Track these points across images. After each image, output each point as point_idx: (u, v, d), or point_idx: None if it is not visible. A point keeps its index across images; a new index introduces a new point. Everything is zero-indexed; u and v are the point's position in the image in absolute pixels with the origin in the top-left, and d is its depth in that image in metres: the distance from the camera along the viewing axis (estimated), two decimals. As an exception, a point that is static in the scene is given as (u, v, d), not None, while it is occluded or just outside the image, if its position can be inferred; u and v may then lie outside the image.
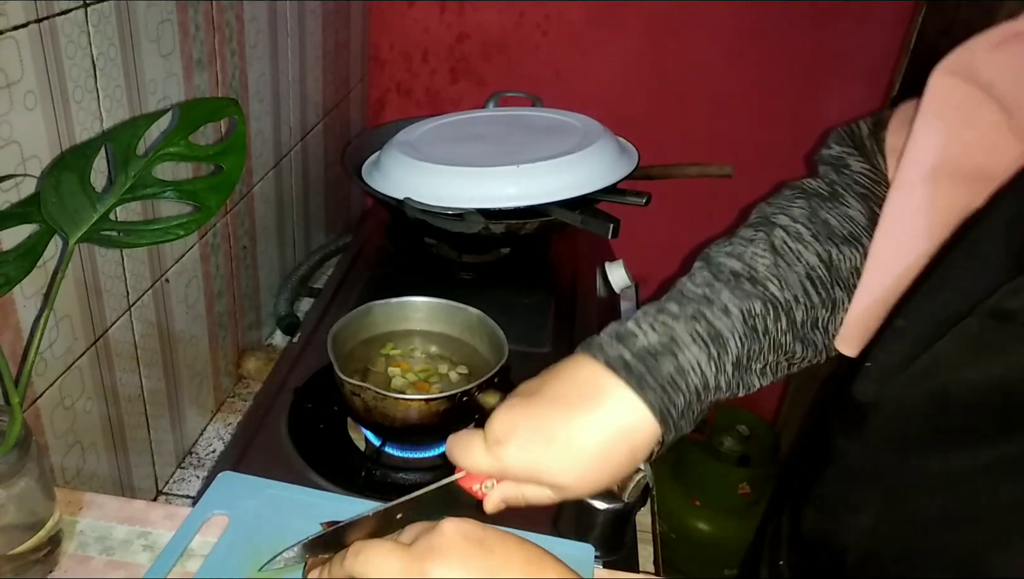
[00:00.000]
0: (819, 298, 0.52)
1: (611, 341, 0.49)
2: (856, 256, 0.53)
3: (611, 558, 0.71)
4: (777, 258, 0.52)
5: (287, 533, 0.54)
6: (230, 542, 0.55)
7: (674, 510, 1.63)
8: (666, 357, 0.48)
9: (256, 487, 0.60)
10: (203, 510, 0.57)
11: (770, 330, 0.50)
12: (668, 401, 0.47)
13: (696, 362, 0.48)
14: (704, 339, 0.49)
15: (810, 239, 0.53)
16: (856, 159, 0.58)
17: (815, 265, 0.52)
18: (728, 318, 0.49)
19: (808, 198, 0.56)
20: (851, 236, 0.54)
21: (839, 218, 0.54)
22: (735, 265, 0.52)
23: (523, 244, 1.21)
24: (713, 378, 0.49)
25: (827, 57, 1.40)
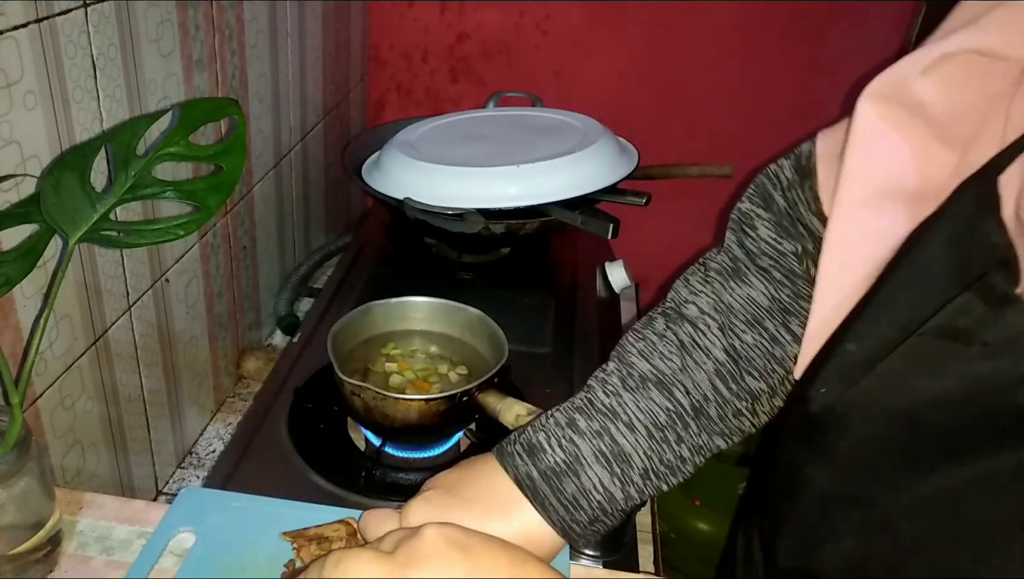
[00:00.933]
0: (731, 393, 0.54)
1: (523, 455, 0.52)
2: (764, 341, 0.55)
3: (611, 558, 0.71)
4: (685, 358, 0.55)
5: (256, 546, 0.54)
6: (199, 558, 0.53)
7: (674, 510, 1.63)
8: (568, 478, 0.51)
9: (222, 501, 0.58)
10: (167, 528, 0.55)
11: (682, 437, 0.53)
12: (570, 518, 0.51)
13: (599, 481, 0.51)
14: (607, 457, 0.52)
15: (716, 331, 0.55)
16: (763, 222, 0.58)
17: (723, 361, 0.54)
18: (632, 434, 0.52)
19: (712, 281, 0.58)
20: (755, 320, 0.55)
21: (742, 301, 0.56)
22: (644, 367, 0.55)
23: (523, 244, 1.21)
24: (620, 491, 0.52)
25: (827, 57, 1.40)
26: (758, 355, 0.55)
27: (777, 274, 0.57)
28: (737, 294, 0.56)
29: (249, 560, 0.53)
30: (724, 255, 0.59)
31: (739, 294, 0.56)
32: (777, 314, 0.56)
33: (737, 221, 0.60)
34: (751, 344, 0.55)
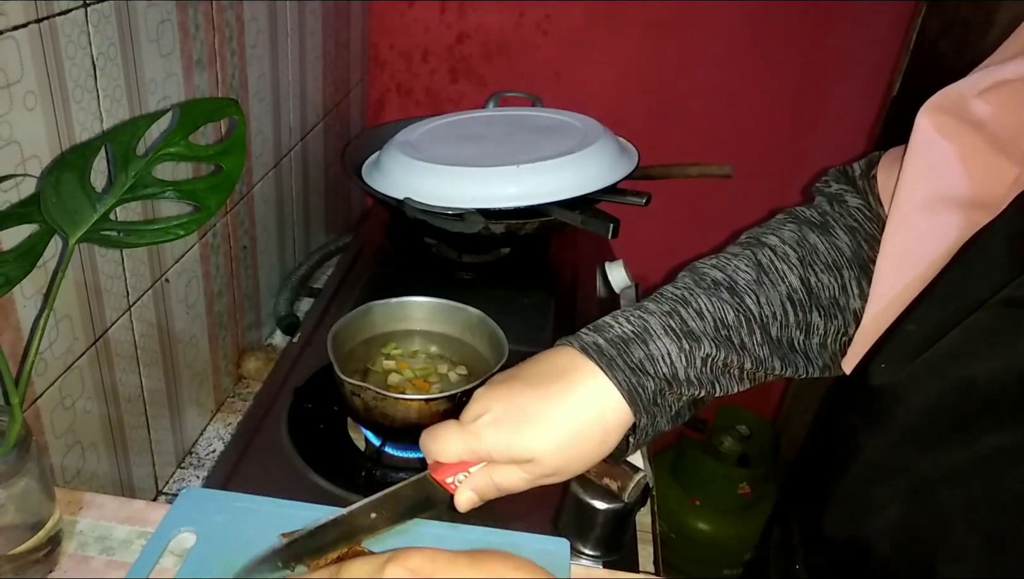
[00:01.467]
0: (795, 319, 0.54)
1: (588, 331, 0.51)
2: (835, 285, 0.55)
3: (611, 558, 0.71)
4: (761, 275, 0.54)
5: (256, 546, 0.53)
6: (199, 559, 0.53)
7: (674, 510, 1.63)
8: (638, 344, 0.50)
9: (222, 501, 0.58)
10: (168, 528, 0.55)
11: (745, 343, 0.52)
12: (637, 383, 0.49)
13: (667, 352, 0.50)
14: (677, 333, 0.51)
15: (795, 261, 0.55)
16: (852, 195, 0.60)
17: (797, 288, 0.54)
18: (701, 321, 0.51)
19: (799, 223, 0.58)
20: (834, 265, 0.56)
21: (827, 246, 0.56)
22: (717, 275, 0.54)
23: (523, 244, 1.21)
24: (683, 371, 0.50)
25: (827, 57, 1.40)
26: (827, 297, 0.55)
27: (862, 234, 0.57)
28: (823, 240, 0.56)
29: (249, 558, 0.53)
30: (813, 210, 0.60)
31: (825, 240, 0.56)
32: (855, 267, 0.56)
33: (827, 194, 0.61)
34: (826, 283, 0.55)
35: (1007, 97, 0.48)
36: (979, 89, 0.48)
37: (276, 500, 0.59)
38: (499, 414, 0.48)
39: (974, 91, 0.49)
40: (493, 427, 0.48)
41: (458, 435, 0.49)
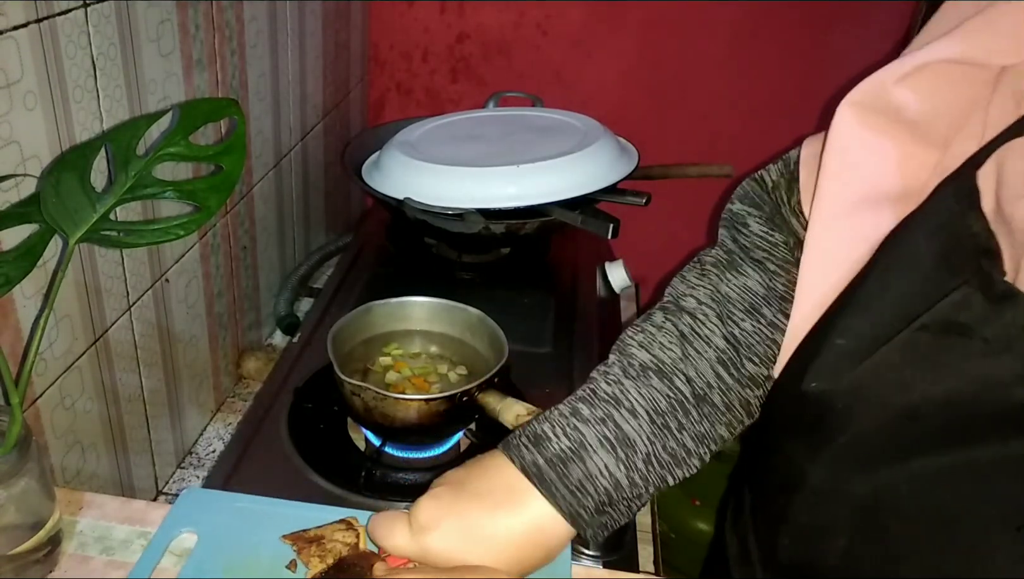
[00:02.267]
0: (733, 380, 0.55)
1: (528, 445, 0.52)
2: (759, 326, 0.56)
3: (611, 558, 0.71)
4: (686, 347, 0.55)
5: (259, 547, 0.54)
6: (200, 559, 0.53)
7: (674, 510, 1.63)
8: (575, 462, 0.51)
9: (223, 501, 0.58)
10: (169, 528, 0.55)
11: (683, 425, 0.53)
12: (577, 504, 0.51)
13: (604, 466, 0.51)
14: (612, 442, 0.52)
15: (715, 321, 0.56)
16: (755, 219, 0.60)
17: (724, 348, 0.55)
18: (635, 420, 0.53)
19: (708, 275, 0.58)
20: (752, 308, 0.56)
21: (739, 290, 0.57)
22: (644, 357, 0.55)
23: (523, 244, 1.20)
24: (625, 477, 0.52)
25: (827, 57, 1.40)
26: (757, 341, 0.56)
27: (771, 265, 0.58)
28: (734, 284, 0.57)
29: (251, 560, 0.53)
30: (719, 249, 0.60)
31: (735, 284, 0.57)
32: (774, 301, 0.56)
33: (729, 221, 0.61)
34: (750, 331, 0.56)
35: (926, 81, 0.47)
36: (899, 76, 0.48)
37: (277, 500, 0.59)
38: (447, 531, 0.50)
39: (894, 78, 0.48)
40: (441, 543, 0.50)
41: (406, 541, 0.51)
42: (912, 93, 0.48)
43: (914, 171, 0.48)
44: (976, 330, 0.41)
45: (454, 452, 0.82)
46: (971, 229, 0.43)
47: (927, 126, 0.48)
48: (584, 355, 0.98)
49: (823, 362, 0.48)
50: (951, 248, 0.44)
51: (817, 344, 0.50)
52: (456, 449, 0.82)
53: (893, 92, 0.48)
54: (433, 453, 0.81)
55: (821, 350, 0.49)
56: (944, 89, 0.47)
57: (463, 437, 0.83)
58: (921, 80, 0.47)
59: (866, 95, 0.49)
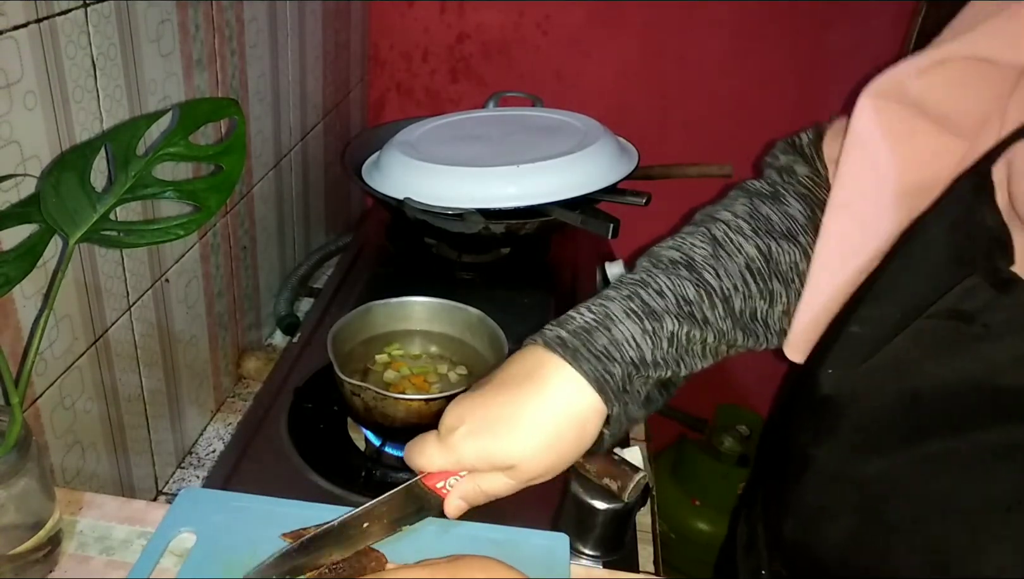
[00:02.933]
0: (757, 288, 0.54)
1: (551, 326, 0.52)
2: (795, 252, 0.55)
3: (611, 558, 0.71)
4: (717, 249, 0.54)
5: (257, 545, 0.53)
6: (199, 559, 0.53)
7: (674, 510, 1.63)
8: (600, 331, 0.50)
9: (221, 501, 0.58)
10: (168, 528, 0.55)
11: (708, 317, 0.52)
12: (603, 370, 0.48)
13: (630, 335, 0.50)
14: (638, 314, 0.51)
15: (750, 233, 0.55)
16: (800, 165, 0.60)
17: (754, 257, 0.54)
18: (662, 299, 0.51)
19: (750, 196, 0.58)
20: (790, 232, 0.56)
21: (780, 215, 0.56)
22: (674, 255, 0.54)
23: (523, 244, 1.20)
24: (650, 353, 0.50)
25: (827, 57, 1.40)
26: (787, 262, 0.55)
27: (814, 200, 0.57)
28: (775, 209, 0.57)
29: (250, 560, 0.53)
30: (763, 182, 0.60)
31: (777, 209, 0.57)
32: (811, 232, 0.56)
33: (775, 167, 0.61)
34: (785, 250, 0.55)
35: (947, 76, 0.48)
36: (919, 69, 0.48)
37: (276, 499, 0.59)
38: (474, 425, 0.48)
39: (913, 71, 0.48)
40: (470, 439, 0.48)
41: (438, 448, 0.49)
42: (932, 88, 0.48)
43: (936, 163, 0.49)
44: (977, 317, 0.42)
45: (454, 452, 0.82)
46: (985, 222, 0.43)
47: (951, 119, 0.48)
48: (584, 355, 0.98)
49: (840, 350, 0.49)
50: (965, 241, 0.44)
51: (835, 332, 0.50)
52: (456, 449, 0.82)
53: (914, 85, 0.48)
54: (433, 453, 0.81)
55: (839, 338, 0.49)
56: (965, 85, 0.47)
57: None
58: (942, 75, 0.48)
59: (886, 88, 0.49)
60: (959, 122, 0.48)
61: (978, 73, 0.47)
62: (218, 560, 0.53)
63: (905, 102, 0.49)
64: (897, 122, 0.49)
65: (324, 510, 0.57)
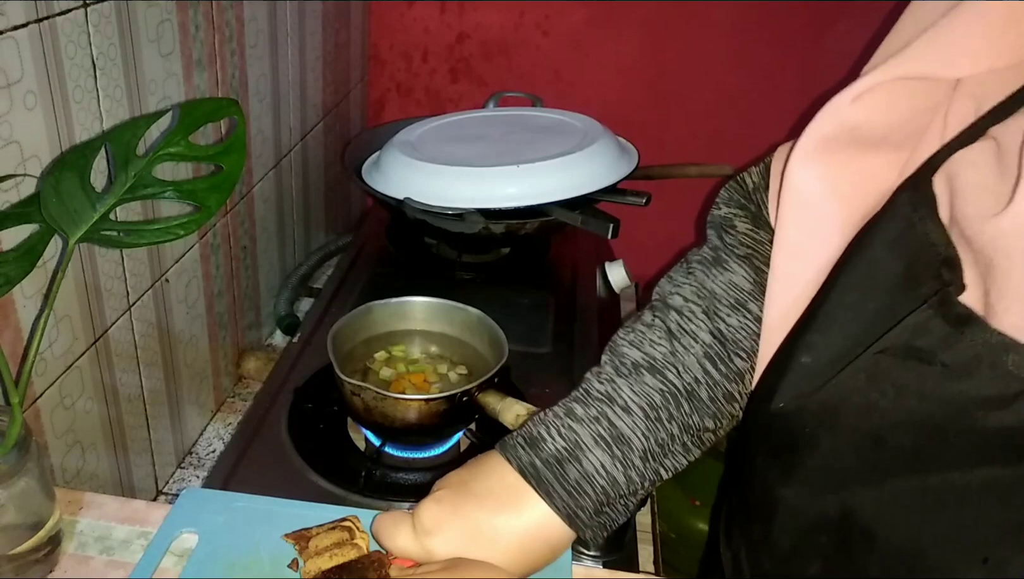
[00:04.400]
0: (720, 374, 0.55)
1: (524, 446, 0.53)
2: (746, 321, 0.56)
3: (611, 558, 0.71)
4: (674, 343, 0.56)
5: (259, 546, 0.54)
6: (202, 559, 0.53)
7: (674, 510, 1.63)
8: (571, 463, 0.52)
9: (223, 501, 0.58)
10: (169, 529, 0.55)
11: (674, 416, 0.54)
12: (575, 505, 0.51)
13: (600, 465, 0.52)
14: (607, 441, 0.52)
15: (701, 316, 0.56)
16: (741, 220, 0.60)
17: (710, 343, 0.55)
18: (629, 417, 0.53)
19: (695, 273, 0.59)
20: (737, 303, 0.56)
21: (724, 287, 0.57)
22: (635, 355, 0.56)
23: (523, 244, 1.20)
24: (622, 475, 0.52)
25: (827, 57, 1.40)
26: (744, 337, 0.56)
27: (757, 261, 0.58)
28: (719, 281, 0.57)
29: (252, 560, 0.53)
30: (705, 248, 0.60)
31: (721, 280, 0.57)
32: (759, 296, 0.56)
33: (715, 223, 0.61)
34: (736, 326, 0.56)
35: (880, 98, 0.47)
36: (852, 97, 0.47)
37: (278, 500, 0.59)
38: (451, 536, 0.50)
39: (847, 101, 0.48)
40: (446, 546, 0.50)
41: (412, 543, 0.51)
42: (867, 111, 0.47)
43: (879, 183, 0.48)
44: (936, 355, 0.40)
45: (454, 452, 0.82)
46: (930, 239, 0.42)
47: (888, 136, 0.48)
48: (584, 355, 0.98)
49: (789, 382, 0.48)
50: (911, 260, 0.43)
51: (784, 362, 0.49)
52: (456, 449, 0.82)
53: (847, 113, 0.48)
54: (433, 453, 0.81)
55: (788, 369, 0.48)
56: (900, 102, 0.47)
57: (463, 437, 0.83)
58: (875, 98, 0.47)
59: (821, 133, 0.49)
60: (896, 135, 0.47)
61: (913, 89, 0.46)
62: (220, 560, 0.53)
63: (841, 136, 0.48)
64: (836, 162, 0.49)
65: (326, 510, 0.57)
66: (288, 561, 0.53)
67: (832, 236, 0.49)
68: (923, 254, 0.42)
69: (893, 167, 0.48)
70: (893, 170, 0.48)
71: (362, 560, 0.51)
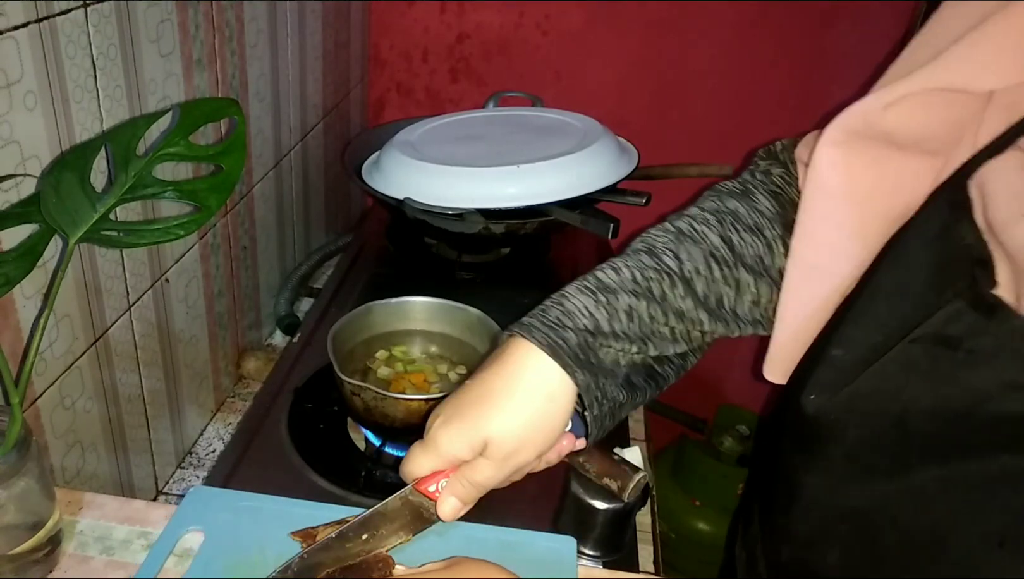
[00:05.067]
0: (721, 274, 0.54)
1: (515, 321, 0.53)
2: (759, 244, 0.55)
3: (611, 558, 0.71)
4: (680, 237, 0.55)
5: (265, 544, 0.54)
6: (207, 558, 0.53)
7: (674, 510, 1.63)
8: (554, 307, 0.52)
9: (229, 500, 0.58)
10: (176, 527, 0.56)
11: (667, 294, 0.53)
12: (556, 337, 0.49)
13: (583, 306, 0.51)
14: (591, 289, 0.52)
15: (715, 223, 0.56)
16: (775, 166, 0.61)
17: (718, 245, 0.55)
18: (617, 275, 0.53)
19: (719, 194, 0.59)
20: (756, 226, 0.56)
21: (747, 209, 0.57)
22: (636, 244, 0.56)
23: (523, 244, 1.21)
24: (607, 323, 0.51)
25: (827, 57, 1.40)
26: (751, 255, 0.55)
27: (785, 198, 0.58)
28: (742, 204, 0.57)
29: (258, 559, 0.53)
30: (735, 182, 0.61)
31: (744, 204, 0.57)
32: (778, 227, 0.56)
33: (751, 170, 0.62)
34: (748, 242, 0.55)
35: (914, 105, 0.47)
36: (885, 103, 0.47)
37: (284, 499, 0.59)
38: (447, 413, 0.50)
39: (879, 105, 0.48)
40: (444, 426, 0.49)
41: (420, 448, 0.50)
42: (901, 118, 0.48)
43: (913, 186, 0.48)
44: (963, 342, 0.41)
45: (454, 452, 0.82)
46: (964, 239, 0.43)
47: (922, 144, 0.48)
48: (584, 355, 0.98)
49: (821, 375, 0.49)
50: (945, 259, 0.44)
51: (816, 356, 0.50)
52: (456, 449, 0.82)
53: (880, 119, 0.48)
54: (433, 453, 0.80)
55: (820, 362, 0.49)
56: (934, 111, 0.47)
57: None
58: (908, 105, 0.47)
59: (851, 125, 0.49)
60: (932, 143, 0.48)
61: (948, 100, 0.46)
62: (225, 559, 0.53)
63: (871, 135, 0.48)
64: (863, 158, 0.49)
65: (332, 510, 0.57)
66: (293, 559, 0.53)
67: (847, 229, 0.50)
68: (958, 253, 0.43)
69: (927, 172, 0.48)
70: (927, 175, 0.48)
71: (367, 560, 0.51)
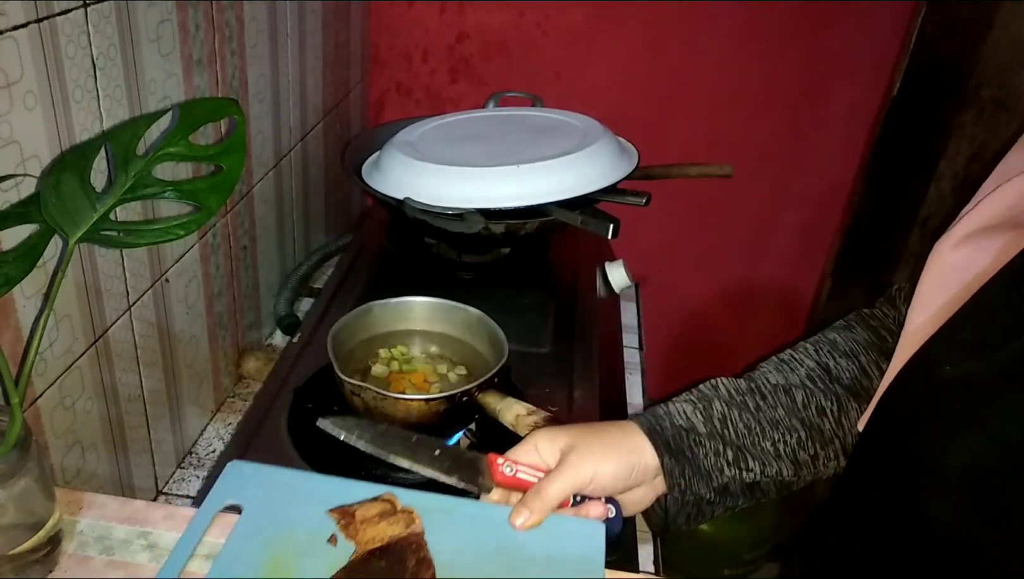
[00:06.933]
0: (819, 389, 0.61)
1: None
2: (854, 368, 0.62)
3: (611, 558, 0.71)
4: (780, 364, 0.64)
5: (297, 521, 0.54)
6: (245, 532, 0.54)
7: (674, 510, 1.63)
8: (659, 406, 0.63)
9: (265, 475, 0.59)
10: (215, 500, 0.56)
11: (760, 406, 0.61)
12: (656, 423, 0.61)
13: (682, 410, 0.62)
14: (692, 399, 0.63)
15: (812, 352, 0.64)
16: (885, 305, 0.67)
17: (814, 368, 0.63)
18: (715, 391, 0.63)
19: (825, 330, 0.67)
20: (851, 352, 0.63)
21: (844, 338, 0.64)
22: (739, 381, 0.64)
23: (523, 244, 1.20)
24: (701, 424, 0.61)
25: (827, 57, 1.40)
26: (847, 377, 0.62)
27: (885, 329, 0.64)
28: (841, 334, 0.65)
29: (289, 535, 0.54)
30: (842, 319, 0.67)
31: (843, 334, 0.65)
32: (873, 352, 0.62)
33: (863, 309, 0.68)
34: (843, 367, 0.62)
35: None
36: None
37: (321, 475, 0.60)
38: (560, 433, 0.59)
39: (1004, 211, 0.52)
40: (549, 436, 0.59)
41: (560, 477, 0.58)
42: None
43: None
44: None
45: (454, 452, 0.82)
46: None
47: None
48: (584, 355, 0.98)
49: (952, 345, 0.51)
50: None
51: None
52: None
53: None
54: (433, 453, 0.80)
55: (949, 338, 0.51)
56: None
57: (463, 437, 0.83)
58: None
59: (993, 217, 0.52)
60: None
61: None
62: (261, 533, 0.54)
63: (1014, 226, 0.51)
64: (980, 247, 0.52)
65: (368, 487, 0.58)
66: (327, 536, 0.53)
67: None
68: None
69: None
70: None
71: (400, 543, 0.52)
